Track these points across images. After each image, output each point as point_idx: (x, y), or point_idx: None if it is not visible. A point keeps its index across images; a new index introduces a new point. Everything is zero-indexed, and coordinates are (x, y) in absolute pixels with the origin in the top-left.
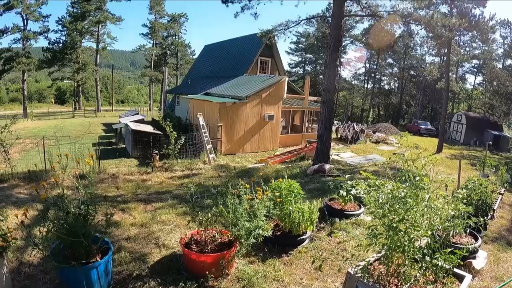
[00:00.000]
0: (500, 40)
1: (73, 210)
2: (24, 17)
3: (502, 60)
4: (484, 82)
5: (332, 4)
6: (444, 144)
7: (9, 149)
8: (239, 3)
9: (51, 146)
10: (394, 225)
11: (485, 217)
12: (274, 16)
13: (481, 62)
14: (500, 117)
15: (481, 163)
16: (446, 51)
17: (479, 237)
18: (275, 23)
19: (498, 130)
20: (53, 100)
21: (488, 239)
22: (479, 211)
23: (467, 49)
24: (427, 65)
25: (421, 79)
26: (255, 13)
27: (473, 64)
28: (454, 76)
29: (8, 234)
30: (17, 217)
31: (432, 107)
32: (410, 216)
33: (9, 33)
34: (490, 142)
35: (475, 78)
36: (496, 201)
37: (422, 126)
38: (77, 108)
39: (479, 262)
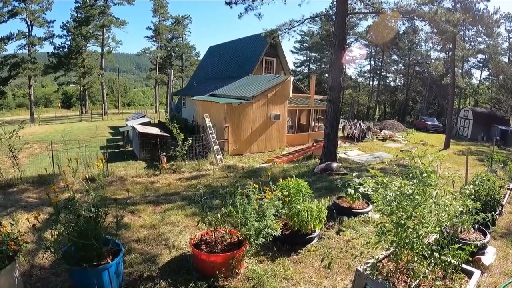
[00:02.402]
0: (505, 34)
1: (84, 213)
2: (29, 23)
3: (507, 54)
4: (490, 77)
5: (335, 2)
6: (451, 140)
7: (17, 154)
8: (243, 4)
9: (60, 150)
10: (402, 222)
11: (494, 213)
12: (278, 15)
13: (486, 56)
14: (507, 112)
15: (488, 158)
16: (451, 46)
17: (487, 233)
18: (279, 22)
19: (505, 124)
20: (59, 105)
21: (497, 235)
22: (487, 206)
23: (472, 43)
24: (433, 61)
25: (426, 75)
26: (259, 14)
27: (478, 59)
28: (460, 71)
29: (20, 238)
30: (28, 221)
31: (439, 103)
32: (418, 213)
33: (14, 39)
34: (498, 137)
35: (481, 73)
36: (504, 197)
37: (429, 123)
38: (84, 112)
39: (488, 258)
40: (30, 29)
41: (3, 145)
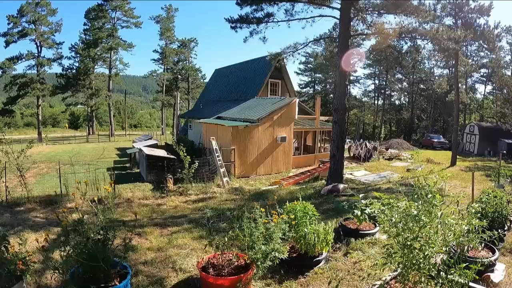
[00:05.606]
0: (507, 47)
1: (92, 235)
2: (38, 44)
3: (510, 67)
4: (494, 91)
5: (338, 24)
6: (458, 156)
7: (25, 173)
8: (248, 28)
9: (68, 173)
10: (409, 243)
11: (502, 229)
12: (282, 37)
13: (489, 70)
14: None
15: (496, 173)
16: (454, 62)
17: (496, 250)
18: (283, 44)
19: (511, 138)
20: (67, 125)
21: (505, 251)
22: (495, 223)
23: (475, 58)
24: (436, 78)
25: (431, 92)
26: (264, 37)
27: (482, 74)
28: (464, 87)
29: (28, 258)
30: (37, 241)
31: (444, 120)
32: (424, 234)
33: (23, 59)
34: (504, 151)
35: (485, 87)
36: None
37: (435, 140)
38: (91, 133)
39: (497, 275)
40: (39, 50)
41: (11, 164)
